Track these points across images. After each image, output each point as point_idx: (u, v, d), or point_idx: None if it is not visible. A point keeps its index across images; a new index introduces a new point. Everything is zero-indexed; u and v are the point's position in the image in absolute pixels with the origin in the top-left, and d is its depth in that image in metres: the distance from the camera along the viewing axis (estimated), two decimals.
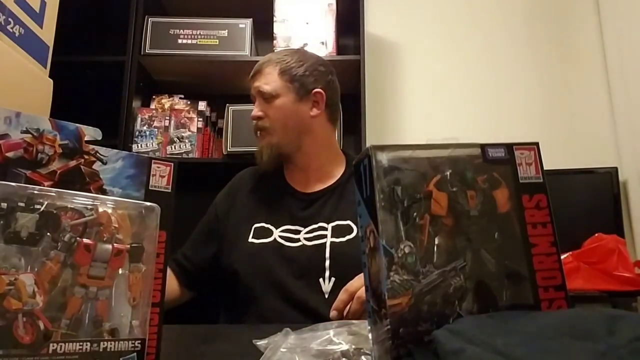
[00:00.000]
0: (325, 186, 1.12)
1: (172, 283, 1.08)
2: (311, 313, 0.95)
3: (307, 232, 1.05)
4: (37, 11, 0.84)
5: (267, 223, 1.08)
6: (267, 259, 1.03)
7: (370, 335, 0.45)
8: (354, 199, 1.18)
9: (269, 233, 1.06)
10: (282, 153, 1.12)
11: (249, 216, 1.10)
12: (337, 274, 0.99)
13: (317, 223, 1.06)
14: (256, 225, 1.08)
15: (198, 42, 1.88)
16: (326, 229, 1.04)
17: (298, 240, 1.04)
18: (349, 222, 1.04)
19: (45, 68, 0.87)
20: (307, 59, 1.15)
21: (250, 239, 1.06)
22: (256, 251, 1.04)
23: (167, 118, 1.89)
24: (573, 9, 2.24)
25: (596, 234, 1.65)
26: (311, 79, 1.12)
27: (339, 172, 1.15)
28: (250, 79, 1.14)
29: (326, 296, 0.97)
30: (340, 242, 1.02)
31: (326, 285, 0.99)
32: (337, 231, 1.04)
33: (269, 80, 1.11)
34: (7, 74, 0.75)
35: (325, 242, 1.02)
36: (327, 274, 0.99)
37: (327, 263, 1.00)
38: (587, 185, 1.90)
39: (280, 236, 1.05)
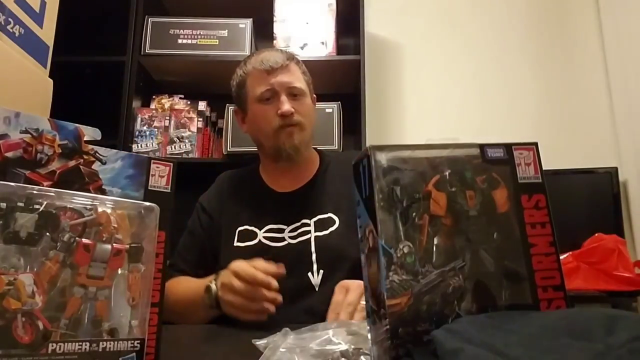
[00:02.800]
0: (302, 184, 1.14)
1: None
2: (303, 308, 0.97)
3: (290, 231, 1.06)
4: (37, 11, 0.84)
5: (250, 225, 1.08)
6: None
7: (369, 335, 0.45)
8: (333, 192, 1.14)
9: (253, 235, 1.07)
10: (307, 150, 1.13)
11: (233, 220, 1.10)
12: (325, 266, 1.01)
13: (299, 220, 1.07)
14: (240, 228, 1.08)
15: (198, 42, 1.88)
16: (309, 225, 1.06)
17: (283, 239, 1.05)
18: (329, 214, 1.06)
19: (45, 68, 0.88)
20: None
21: (236, 243, 1.06)
22: (242, 255, 1.02)
23: (167, 118, 1.89)
24: (573, 9, 2.24)
25: (596, 234, 1.65)
26: (312, 84, 1.18)
27: (314, 168, 1.17)
28: (270, 72, 1.09)
29: (316, 289, 0.99)
30: (324, 234, 1.04)
31: (315, 279, 1.00)
32: (320, 225, 1.05)
33: (298, 78, 1.11)
34: (7, 74, 0.75)
35: (309, 238, 1.04)
36: (315, 267, 1.01)
37: (314, 257, 1.02)
38: (587, 185, 1.90)
39: (264, 237, 1.06)
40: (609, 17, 2.12)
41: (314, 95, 1.19)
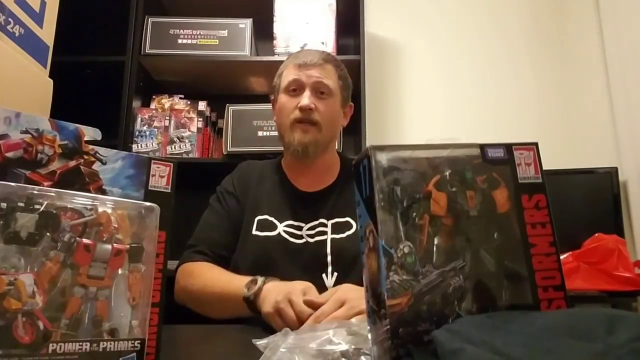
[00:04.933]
0: (324, 186, 1.14)
1: None
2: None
3: (308, 229, 1.06)
4: (37, 11, 0.84)
5: (270, 216, 1.07)
6: (272, 252, 1.02)
7: (369, 335, 0.45)
8: (352, 197, 1.15)
9: (274, 226, 1.06)
10: (318, 151, 1.10)
11: (253, 208, 1.10)
12: (339, 269, 1.01)
13: (317, 220, 1.07)
14: (259, 217, 1.07)
15: (198, 42, 1.88)
16: (326, 226, 1.06)
17: (301, 236, 1.05)
18: (347, 218, 1.06)
19: (45, 68, 0.88)
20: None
21: (254, 232, 1.05)
22: (262, 244, 1.04)
23: (167, 118, 1.89)
24: (573, 9, 2.24)
25: (596, 234, 1.65)
26: (350, 92, 1.19)
27: (335, 172, 1.17)
28: (301, 66, 1.10)
29: None
30: (341, 237, 1.04)
31: (329, 281, 1.00)
32: (337, 228, 1.05)
33: (331, 77, 1.11)
34: (7, 74, 0.75)
35: (326, 239, 1.04)
36: (329, 269, 1.01)
37: (329, 259, 1.01)
38: (587, 185, 1.90)
39: (284, 231, 1.05)
40: (609, 17, 2.12)
41: (351, 104, 1.20)
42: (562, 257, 0.47)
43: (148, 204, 0.52)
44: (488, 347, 0.35)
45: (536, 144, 0.50)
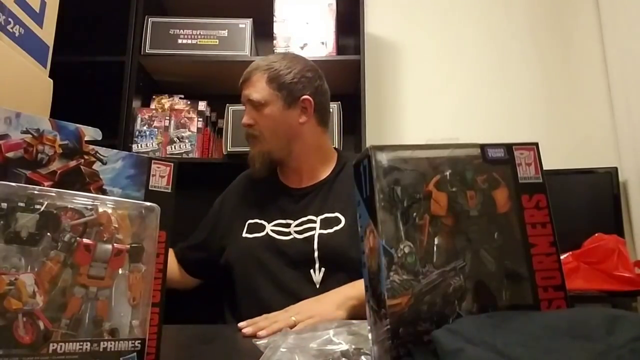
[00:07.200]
0: (316, 182, 1.16)
1: (172, 266, 1.16)
2: None
3: (297, 225, 1.09)
4: (37, 11, 0.84)
5: (259, 219, 1.12)
6: (260, 251, 1.07)
7: (370, 335, 0.45)
8: (343, 192, 1.19)
9: (262, 228, 1.11)
10: (274, 159, 1.15)
11: (243, 214, 1.15)
12: (327, 265, 1.03)
13: (306, 216, 1.10)
14: (250, 221, 1.13)
15: (198, 42, 1.88)
16: (315, 222, 1.08)
17: (289, 233, 1.08)
18: (337, 214, 1.08)
19: (45, 68, 0.87)
20: (295, 65, 1.14)
21: (244, 234, 1.11)
22: (249, 245, 1.09)
23: (167, 118, 1.89)
24: (573, 9, 2.24)
25: (596, 234, 1.65)
26: (299, 86, 1.13)
27: (328, 169, 1.18)
28: (240, 85, 1.16)
29: (317, 286, 1.01)
30: (328, 233, 1.05)
31: (317, 276, 1.03)
32: (325, 223, 1.07)
33: (258, 89, 1.11)
34: (7, 74, 0.75)
35: (313, 235, 1.06)
36: (317, 265, 1.03)
37: (316, 254, 1.03)
38: (587, 185, 1.90)
39: (272, 230, 1.10)
40: (609, 17, 2.12)
41: (305, 97, 1.12)
42: (562, 257, 0.47)
43: (148, 204, 0.52)
44: (488, 347, 0.35)
45: (536, 144, 0.50)
